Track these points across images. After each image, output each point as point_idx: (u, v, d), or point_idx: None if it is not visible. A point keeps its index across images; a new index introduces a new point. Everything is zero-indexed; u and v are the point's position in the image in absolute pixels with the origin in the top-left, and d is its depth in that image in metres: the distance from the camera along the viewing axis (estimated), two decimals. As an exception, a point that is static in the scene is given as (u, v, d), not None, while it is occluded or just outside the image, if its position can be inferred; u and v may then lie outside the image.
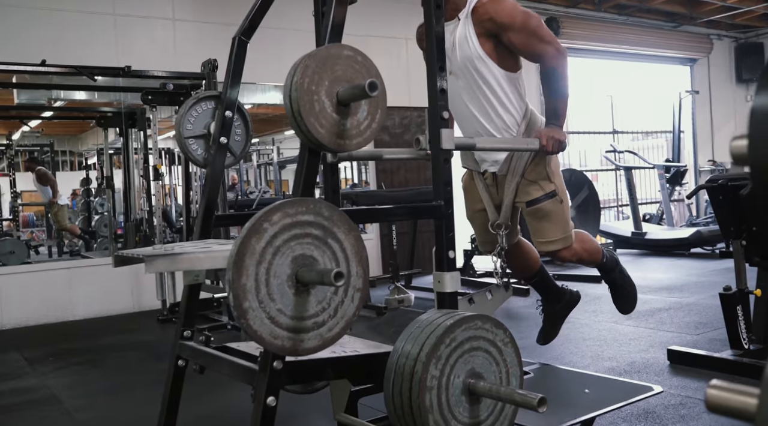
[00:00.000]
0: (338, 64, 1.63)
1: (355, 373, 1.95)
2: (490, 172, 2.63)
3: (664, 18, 9.91)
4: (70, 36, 5.89)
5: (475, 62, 2.41)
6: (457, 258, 1.96)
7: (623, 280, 2.96)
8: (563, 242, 2.59)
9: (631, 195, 8.36)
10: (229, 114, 2.17)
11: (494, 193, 2.66)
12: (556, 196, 2.55)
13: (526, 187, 2.55)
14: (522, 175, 2.54)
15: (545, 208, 2.56)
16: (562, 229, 2.59)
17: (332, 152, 1.64)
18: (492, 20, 2.37)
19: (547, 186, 2.54)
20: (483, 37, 2.41)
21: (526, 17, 2.37)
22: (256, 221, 1.54)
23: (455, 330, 1.63)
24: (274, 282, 1.57)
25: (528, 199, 2.56)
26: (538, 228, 2.61)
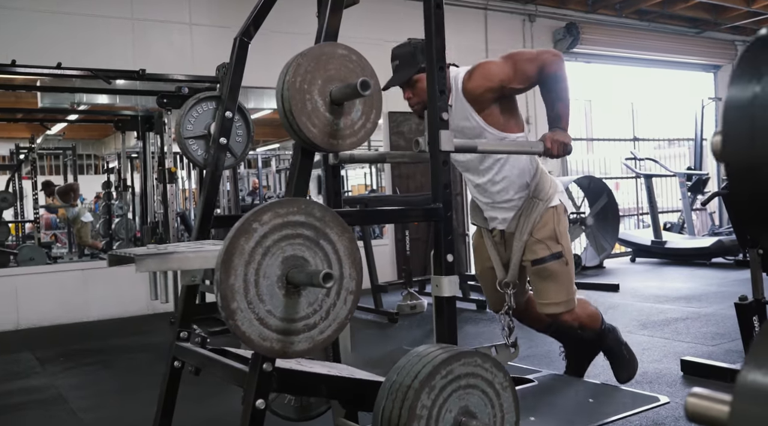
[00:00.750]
0: (331, 62, 1.61)
1: (348, 395, 1.92)
2: (498, 230, 2.63)
3: (687, 24, 9.78)
4: (88, 40, 5.95)
5: (480, 137, 2.44)
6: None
7: (619, 348, 2.91)
8: (566, 305, 2.58)
9: (651, 203, 8.24)
10: (230, 114, 2.16)
11: (502, 251, 2.68)
12: (562, 258, 2.55)
13: (533, 246, 2.56)
14: (530, 233, 2.54)
15: (550, 269, 2.55)
16: (565, 292, 2.58)
17: (325, 152, 1.62)
18: (489, 89, 2.41)
19: (554, 246, 2.54)
20: (484, 110, 2.44)
21: (509, 62, 2.42)
22: (245, 221, 1.52)
23: (453, 363, 1.59)
24: (264, 283, 1.54)
25: (534, 257, 2.56)
26: (542, 289, 2.60)
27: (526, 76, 2.39)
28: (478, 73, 2.41)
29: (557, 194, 2.58)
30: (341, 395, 1.92)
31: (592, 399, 2.48)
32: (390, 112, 7.38)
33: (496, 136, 2.44)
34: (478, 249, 2.78)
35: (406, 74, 2.52)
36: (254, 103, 11.58)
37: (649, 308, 5.06)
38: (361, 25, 6.86)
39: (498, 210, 2.64)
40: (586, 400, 2.49)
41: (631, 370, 2.92)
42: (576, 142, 9.20)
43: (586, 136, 9.54)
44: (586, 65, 9.20)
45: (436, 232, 1.90)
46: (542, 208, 2.56)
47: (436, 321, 1.91)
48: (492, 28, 8.11)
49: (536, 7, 8.36)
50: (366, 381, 1.92)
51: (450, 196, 1.90)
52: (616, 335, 2.89)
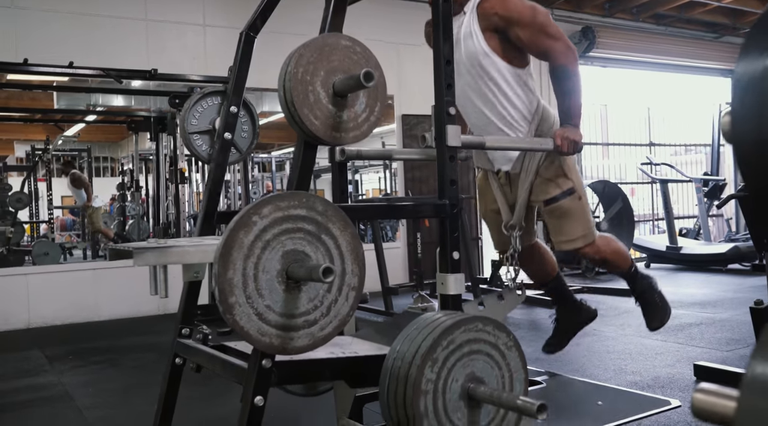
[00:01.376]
0: (335, 53, 1.58)
1: (352, 375, 1.88)
2: (503, 171, 2.56)
3: (705, 28, 9.68)
4: (102, 41, 5.97)
5: (479, 58, 2.35)
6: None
7: (651, 294, 2.81)
8: (584, 239, 2.51)
9: (666, 208, 8.14)
10: (234, 109, 2.13)
11: (508, 193, 2.59)
12: (574, 193, 2.48)
13: (543, 186, 2.48)
14: (536, 173, 2.47)
15: (564, 206, 2.48)
16: (582, 226, 2.50)
17: (327, 145, 1.59)
18: (498, 15, 2.31)
19: (564, 183, 2.46)
20: (488, 32, 2.34)
21: (533, 12, 2.30)
22: (244, 214, 1.50)
23: (453, 331, 1.55)
24: (263, 277, 1.51)
25: (545, 197, 2.48)
26: (558, 226, 2.53)
27: (533, 41, 2.29)
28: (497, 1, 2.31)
29: None
30: (346, 377, 1.88)
31: (601, 401, 2.43)
32: (403, 114, 7.36)
33: (495, 62, 2.35)
34: (483, 191, 2.71)
35: None
36: (269, 106, 11.60)
37: (663, 314, 4.98)
38: (379, 27, 6.86)
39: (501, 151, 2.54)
40: (594, 402, 2.44)
41: (662, 318, 2.81)
42: (592, 147, 9.08)
43: (601, 141, 9.45)
44: (602, 69, 9.12)
45: (442, 228, 1.86)
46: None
47: (441, 320, 1.87)
48: (506, 31, 8.05)
49: (552, 10, 8.30)
50: (369, 357, 1.88)
51: (457, 193, 1.87)
52: (651, 282, 2.80)
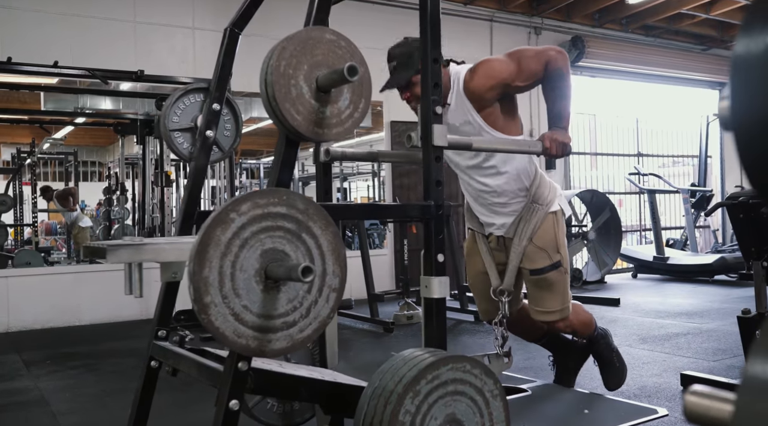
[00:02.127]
0: (319, 47, 1.54)
1: (330, 400, 1.82)
2: (495, 236, 2.56)
3: (693, 40, 9.73)
4: (90, 42, 5.91)
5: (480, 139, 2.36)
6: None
7: (610, 354, 2.85)
8: (561, 314, 2.55)
9: (653, 218, 8.15)
10: (217, 107, 2.09)
11: (497, 257, 2.59)
12: (560, 267, 2.51)
13: (533, 254, 2.50)
14: (530, 239, 2.47)
15: (549, 279, 2.51)
16: (561, 300, 2.54)
17: (309, 141, 1.55)
18: (494, 87, 2.34)
19: (554, 255, 2.50)
20: (485, 109, 2.37)
21: (516, 59, 2.34)
22: (222, 210, 1.45)
23: (440, 367, 1.51)
24: (241, 276, 1.46)
25: (533, 267, 2.51)
26: (539, 297, 2.56)
27: (531, 73, 2.32)
28: (482, 71, 2.34)
29: (557, 198, 2.51)
30: (322, 400, 1.82)
31: (588, 410, 2.39)
32: (392, 121, 7.33)
33: (495, 137, 2.37)
34: (471, 254, 2.70)
35: (404, 76, 2.46)
36: (258, 112, 11.54)
37: (650, 323, 4.96)
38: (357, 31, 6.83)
39: (496, 215, 2.56)
40: (581, 410, 2.40)
41: (619, 379, 2.85)
42: (580, 157, 9.09)
43: (590, 151, 9.45)
44: (591, 79, 9.14)
45: (427, 230, 1.82)
46: (542, 214, 2.49)
47: (425, 324, 1.83)
48: (497, 40, 8.06)
49: (542, 20, 8.32)
50: (349, 385, 1.83)
51: (442, 194, 1.83)
52: (608, 341, 2.83)
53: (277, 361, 2.10)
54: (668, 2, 8.15)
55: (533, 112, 7.67)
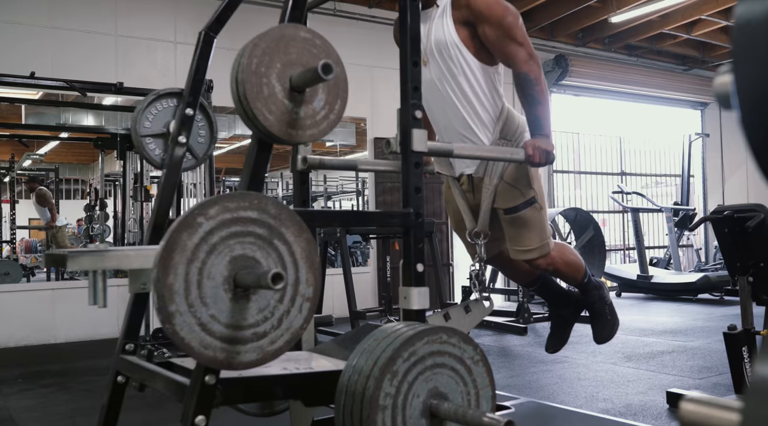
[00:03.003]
0: (293, 46, 1.48)
1: (308, 393, 1.74)
2: (465, 176, 2.46)
3: (675, 61, 9.81)
4: (70, 55, 5.83)
5: (449, 49, 2.27)
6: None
7: (602, 305, 2.73)
8: (540, 251, 2.43)
9: (637, 237, 8.14)
10: (190, 112, 2.01)
11: (471, 199, 2.49)
12: (535, 203, 2.40)
13: (506, 192, 2.38)
14: (501, 177, 2.37)
15: (524, 216, 2.40)
16: (539, 237, 2.42)
17: (282, 143, 1.48)
18: (469, 7, 2.25)
19: (528, 192, 2.38)
20: (459, 23, 2.27)
21: (503, 11, 2.24)
22: (189, 214, 1.37)
23: (415, 343, 1.43)
24: (208, 284, 1.39)
25: (507, 206, 2.39)
26: (515, 236, 2.44)
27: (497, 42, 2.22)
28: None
29: (526, 133, 2.38)
30: (300, 394, 1.74)
31: (573, 429, 2.32)
32: (376, 138, 7.28)
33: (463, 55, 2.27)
34: (449, 201, 2.61)
35: None
36: (241, 129, 11.46)
37: (635, 341, 4.91)
38: (339, 47, 6.80)
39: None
40: (565, 429, 2.33)
41: (609, 331, 2.76)
42: (564, 175, 9.08)
43: (573, 169, 9.46)
44: (574, 98, 9.17)
45: (406, 239, 1.75)
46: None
47: (404, 336, 1.75)
48: (480, 58, 8.06)
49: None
50: (325, 373, 1.74)
51: (422, 202, 1.76)
52: (602, 293, 2.72)
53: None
54: (650, 22, 8.21)
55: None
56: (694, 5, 7.66)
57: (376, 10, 7.24)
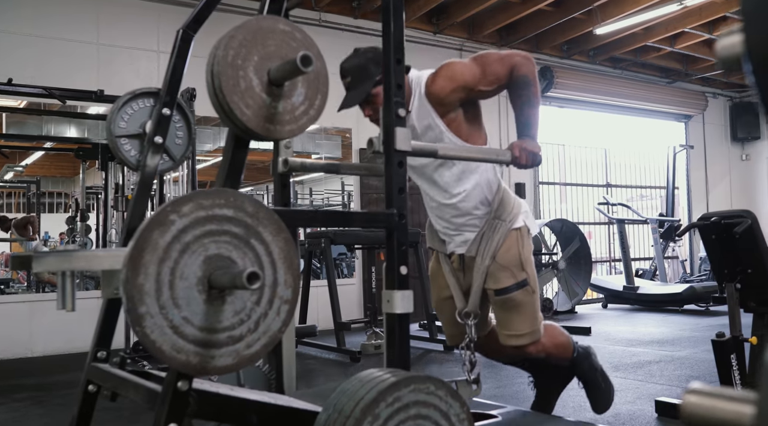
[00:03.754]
0: (271, 38, 1.42)
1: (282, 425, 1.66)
2: (457, 255, 2.42)
3: (659, 73, 9.87)
4: (51, 64, 5.75)
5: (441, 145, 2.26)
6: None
7: (594, 375, 2.68)
8: (531, 337, 2.37)
9: (623, 248, 8.13)
10: (167, 112, 1.96)
11: (461, 278, 2.44)
12: (527, 286, 2.35)
13: (497, 273, 2.33)
14: (493, 257, 2.33)
15: (515, 299, 2.34)
16: (530, 323, 2.36)
17: (260, 139, 1.43)
18: (456, 90, 2.22)
19: (519, 274, 2.33)
20: (448, 115, 2.26)
21: (480, 63, 2.24)
22: (161, 211, 1.31)
23: (401, 389, 1.37)
24: (181, 285, 1.32)
25: (498, 287, 2.34)
26: (506, 319, 2.39)
27: (495, 77, 2.21)
28: (444, 74, 2.22)
29: (521, 214, 2.36)
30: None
31: (561, 438, 2.26)
32: (362, 148, 7.24)
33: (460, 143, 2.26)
34: (435, 277, 2.54)
35: (362, 91, 2.30)
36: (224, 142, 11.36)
37: (622, 351, 4.86)
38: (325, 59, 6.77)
39: (457, 230, 2.42)
40: (554, 438, 2.27)
41: (607, 400, 2.69)
42: (549, 187, 9.05)
43: (559, 181, 9.46)
44: (559, 109, 9.19)
45: (389, 241, 1.69)
46: (505, 230, 2.34)
47: (387, 342, 1.70)
48: (466, 69, 8.06)
49: (511, 49, 8.36)
50: (303, 410, 1.68)
51: (405, 202, 1.71)
52: (591, 362, 2.65)
53: (227, 386, 1.94)
54: (634, 35, 8.26)
55: (502, 124, 7.68)
56: (677, 18, 7.71)
57: (360, 20, 7.23)
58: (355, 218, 2.10)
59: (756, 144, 10.93)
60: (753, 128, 10.75)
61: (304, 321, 5.41)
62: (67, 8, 5.95)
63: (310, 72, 1.34)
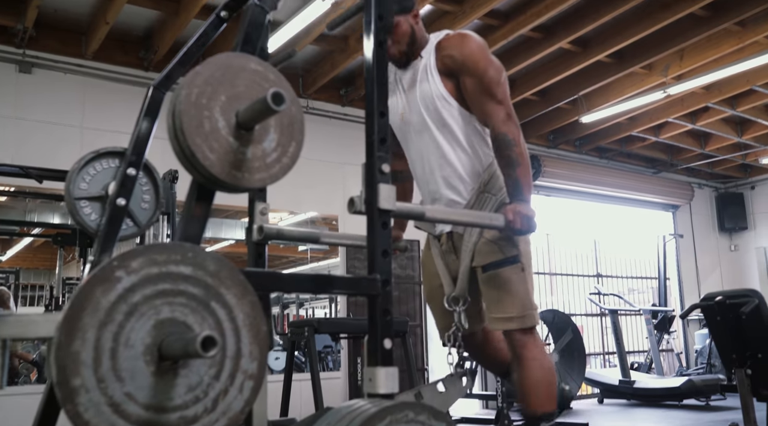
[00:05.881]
0: (241, 77, 1.29)
1: None
2: (445, 234, 2.25)
3: (645, 163, 9.94)
4: (33, 146, 5.66)
5: (435, 100, 2.15)
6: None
7: None
8: (520, 322, 2.12)
9: (617, 339, 7.89)
10: (133, 172, 1.80)
11: (451, 262, 2.26)
12: (518, 263, 2.15)
13: (484, 248, 2.15)
14: (480, 233, 2.15)
15: (503, 275, 2.13)
16: (521, 304, 2.13)
17: (225, 188, 1.26)
18: (452, 57, 2.15)
19: (509, 249, 2.14)
20: (444, 74, 2.17)
21: (486, 64, 2.13)
22: (106, 266, 1.13)
23: (376, 423, 1.17)
24: (125, 353, 1.13)
25: (484, 262, 2.15)
26: (494, 298, 2.16)
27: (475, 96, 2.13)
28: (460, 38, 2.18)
29: None
30: None
31: None
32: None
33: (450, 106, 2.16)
34: (426, 264, 2.37)
35: None
36: (212, 233, 11.20)
37: (624, 448, 4.56)
38: (311, 145, 6.79)
39: (444, 204, 2.25)
40: None
41: None
42: (537, 277, 8.87)
43: (547, 271, 9.30)
44: (547, 198, 9.15)
45: (372, 310, 1.51)
46: (494, 204, 2.18)
47: (369, 427, 1.47)
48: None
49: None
50: None
51: (389, 266, 1.54)
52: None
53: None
54: (619, 124, 8.35)
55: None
56: (660, 108, 7.81)
57: (348, 108, 7.25)
58: (333, 283, 1.93)
59: (743, 234, 10.90)
60: (739, 219, 10.75)
61: (285, 412, 5.08)
62: (53, 91, 5.92)
63: (282, 111, 1.20)
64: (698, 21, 5.90)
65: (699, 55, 6.50)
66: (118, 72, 6.18)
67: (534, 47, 6.21)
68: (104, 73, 6.12)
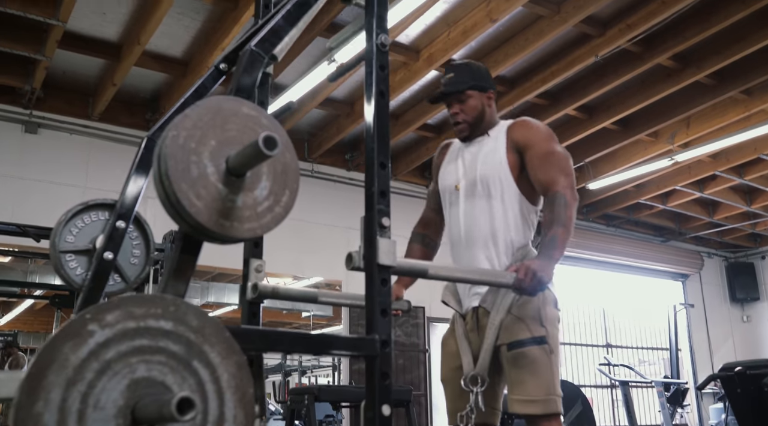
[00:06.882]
0: (232, 121, 1.22)
1: None
2: (471, 310, 2.18)
3: (653, 232, 9.85)
4: (34, 205, 5.63)
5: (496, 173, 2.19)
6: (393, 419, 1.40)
7: None
8: (544, 406, 2.00)
9: (629, 413, 7.60)
10: (122, 225, 1.72)
11: (474, 339, 2.17)
12: (545, 344, 2.04)
13: (512, 325, 2.07)
14: (508, 310, 2.08)
15: (530, 355, 2.03)
16: (546, 388, 2.01)
17: (213, 238, 1.18)
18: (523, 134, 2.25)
19: (537, 329, 2.06)
20: (511, 149, 2.24)
21: (555, 145, 2.24)
22: (78, 318, 1.03)
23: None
24: (95, 416, 1.01)
25: (510, 339, 2.06)
26: (518, 379, 2.05)
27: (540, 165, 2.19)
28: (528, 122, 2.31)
29: None
30: None
31: None
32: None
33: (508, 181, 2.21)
34: (447, 344, 2.28)
35: (462, 81, 2.34)
36: (215, 297, 11.07)
37: None
38: (316, 209, 6.76)
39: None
40: None
41: None
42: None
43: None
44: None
45: (369, 372, 1.40)
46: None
47: None
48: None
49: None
50: None
51: (389, 327, 1.44)
52: None
53: None
54: (627, 192, 8.31)
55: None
56: (668, 176, 7.78)
57: (354, 172, 7.25)
58: (328, 343, 1.82)
59: (756, 305, 10.69)
60: (751, 289, 10.56)
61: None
62: (58, 151, 5.94)
63: (275, 156, 1.12)
64: (704, 89, 5.92)
65: (705, 123, 6.50)
66: (124, 133, 6.21)
67: (540, 113, 6.22)
68: (110, 134, 6.15)
